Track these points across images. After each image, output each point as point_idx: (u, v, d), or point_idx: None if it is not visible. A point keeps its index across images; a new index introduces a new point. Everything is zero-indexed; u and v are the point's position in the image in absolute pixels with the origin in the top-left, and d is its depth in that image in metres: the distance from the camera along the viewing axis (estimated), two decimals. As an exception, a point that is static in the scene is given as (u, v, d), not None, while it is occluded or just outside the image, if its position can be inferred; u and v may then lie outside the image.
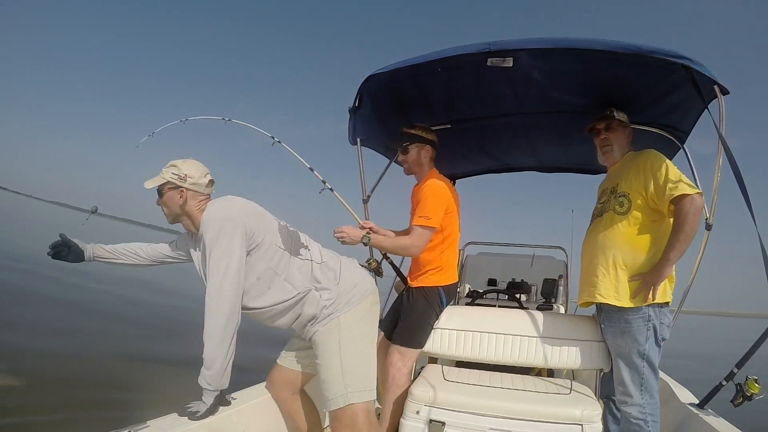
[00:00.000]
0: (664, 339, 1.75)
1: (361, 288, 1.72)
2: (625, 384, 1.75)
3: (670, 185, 1.70)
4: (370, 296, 1.74)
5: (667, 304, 1.77)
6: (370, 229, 2.23)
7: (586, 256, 1.98)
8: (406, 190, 2.58)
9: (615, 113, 2.00)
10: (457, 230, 2.26)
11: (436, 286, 2.18)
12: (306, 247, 1.69)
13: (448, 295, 2.22)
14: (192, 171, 1.59)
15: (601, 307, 1.89)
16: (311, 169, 2.50)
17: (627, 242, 1.82)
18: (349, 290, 1.67)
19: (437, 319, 2.14)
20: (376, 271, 2.41)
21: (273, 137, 2.57)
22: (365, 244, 2.12)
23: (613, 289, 1.80)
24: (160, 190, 1.61)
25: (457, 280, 2.32)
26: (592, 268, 1.89)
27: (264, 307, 1.59)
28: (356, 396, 1.55)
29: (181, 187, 1.57)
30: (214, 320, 1.44)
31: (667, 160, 1.81)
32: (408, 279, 2.32)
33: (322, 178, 2.48)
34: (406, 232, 2.45)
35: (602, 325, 1.89)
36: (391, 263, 2.51)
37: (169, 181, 1.57)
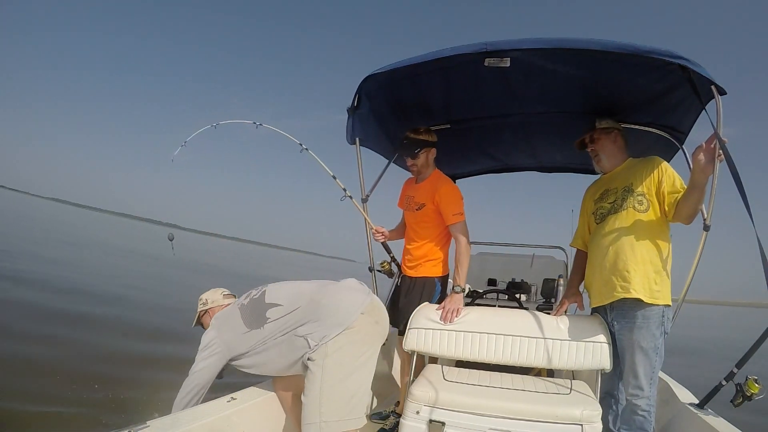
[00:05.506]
0: (666, 333, 1.86)
1: (347, 311, 1.64)
2: (638, 377, 1.81)
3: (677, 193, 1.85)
4: (363, 317, 1.64)
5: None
6: (382, 233, 2.55)
7: (606, 252, 1.94)
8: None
9: (597, 122, 2.09)
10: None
11: (433, 277, 2.35)
12: (274, 305, 1.73)
13: (443, 285, 2.36)
14: (210, 296, 2.07)
15: (613, 305, 1.92)
16: (334, 177, 2.64)
17: (650, 239, 1.87)
18: (331, 315, 1.62)
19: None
20: (388, 273, 2.55)
21: (301, 144, 2.71)
22: (464, 290, 2.21)
23: (641, 284, 1.82)
24: (201, 323, 2.04)
25: (449, 272, 2.44)
26: (620, 264, 1.87)
27: (270, 368, 1.77)
28: (330, 426, 1.49)
29: (207, 309, 2.03)
30: (181, 394, 1.75)
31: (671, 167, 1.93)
32: (404, 269, 2.48)
33: (343, 186, 2.63)
34: (401, 228, 2.60)
35: (614, 322, 1.92)
36: (385, 245, 2.70)
37: (200, 312, 2.06)
